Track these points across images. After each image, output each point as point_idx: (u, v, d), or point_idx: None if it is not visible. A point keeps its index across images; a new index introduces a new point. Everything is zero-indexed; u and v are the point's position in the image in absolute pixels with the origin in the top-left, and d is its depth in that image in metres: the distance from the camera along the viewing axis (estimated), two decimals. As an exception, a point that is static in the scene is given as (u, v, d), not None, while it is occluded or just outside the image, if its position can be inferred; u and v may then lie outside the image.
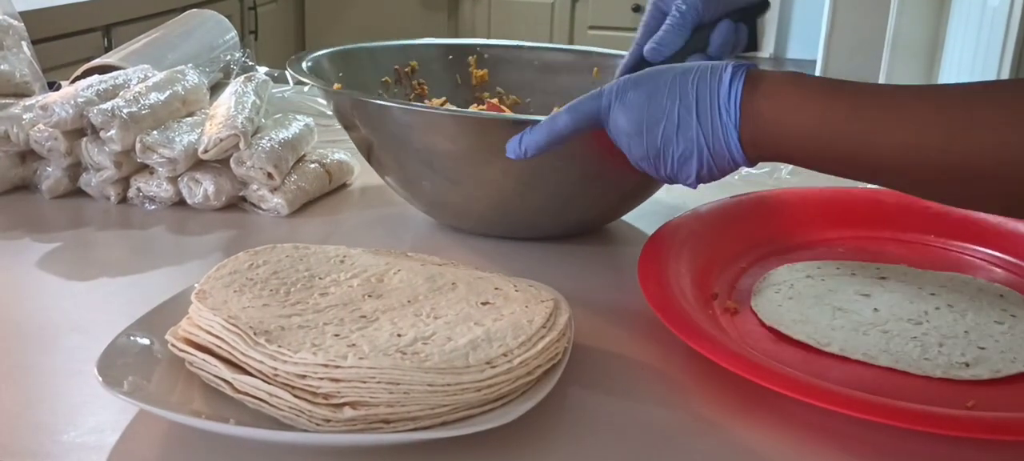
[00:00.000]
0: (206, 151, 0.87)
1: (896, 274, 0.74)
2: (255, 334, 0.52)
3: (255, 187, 0.88)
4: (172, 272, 0.76)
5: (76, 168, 0.91)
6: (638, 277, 0.68)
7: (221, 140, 0.86)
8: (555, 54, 1.01)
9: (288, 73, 0.91)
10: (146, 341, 0.57)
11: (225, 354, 0.52)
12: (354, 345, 0.51)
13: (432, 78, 0.98)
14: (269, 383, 0.50)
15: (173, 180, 0.88)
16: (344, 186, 0.97)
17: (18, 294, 0.72)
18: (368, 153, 0.82)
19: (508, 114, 0.90)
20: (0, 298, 0.71)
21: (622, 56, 0.97)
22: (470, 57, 0.99)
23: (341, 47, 0.92)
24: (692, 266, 0.72)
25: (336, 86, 0.81)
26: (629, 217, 0.85)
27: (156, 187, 0.89)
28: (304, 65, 0.84)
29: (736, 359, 0.58)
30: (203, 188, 0.88)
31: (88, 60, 1.14)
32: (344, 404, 0.49)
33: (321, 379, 0.49)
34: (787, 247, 0.80)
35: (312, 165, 0.93)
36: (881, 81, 4.20)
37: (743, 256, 0.78)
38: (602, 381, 0.60)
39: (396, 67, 0.96)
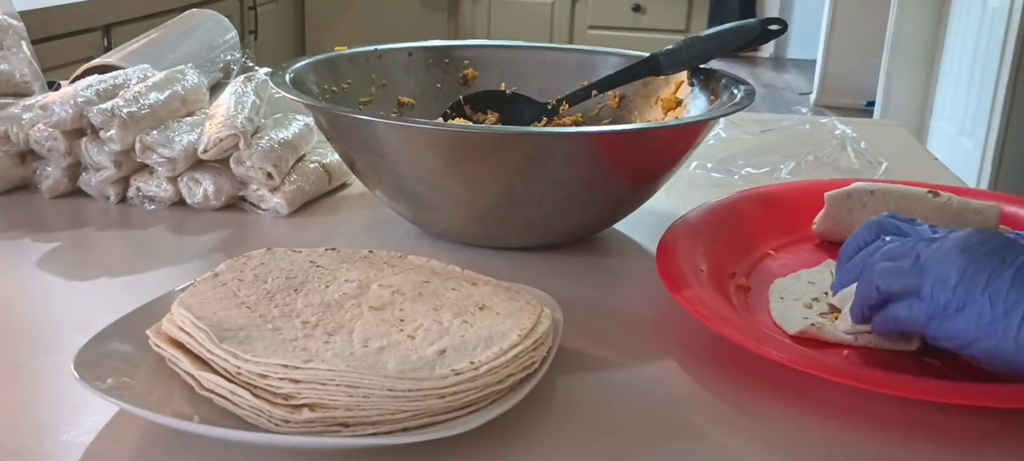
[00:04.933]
0: (206, 151, 0.87)
1: None
2: (223, 330, 0.52)
3: (255, 187, 0.88)
4: (172, 272, 0.76)
5: (76, 168, 0.91)
6: (657, 250, 0.70)
7: (221, 140, 0.86)
8: (548, 53, 1.01)
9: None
10: (129, 340, 0.57)
11: (195, 351, 0.53)
12: (319, 349, 0.51)
13: (416, 83, 0.96)
14: (232, 382, 0.50)
15: (173, 180, 0.88)
16: (344, 186, 0.97)
17: (18, 294, 0.72)
18: (351, 167, 0.82)
19: (487, 126, 0.89)
20: (0, 298, 0.71)
21: (612, 53, 0.97)
22: (445, 59, 0.98)
23: (323, 55, 0.90)
24: (712, 245, 0.74)
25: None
26: (621, 226, 0.85)
27: (156, 187, 0.89)
28: (286, 77, 0.81)
29: (727, 325, 0.60)
30: (203, 188, 0.88)
31: (88, 60, 1.14)
32: (303, 406, 0.49)
33: (281, 379, 0.49)
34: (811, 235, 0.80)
35: (312, 165, 0.93)
36: (881, 81, 4.20)
37: (769, 241, 0.79)
38: (588, 388, 0.59)
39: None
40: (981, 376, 0.59)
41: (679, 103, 0.91)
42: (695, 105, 0.89)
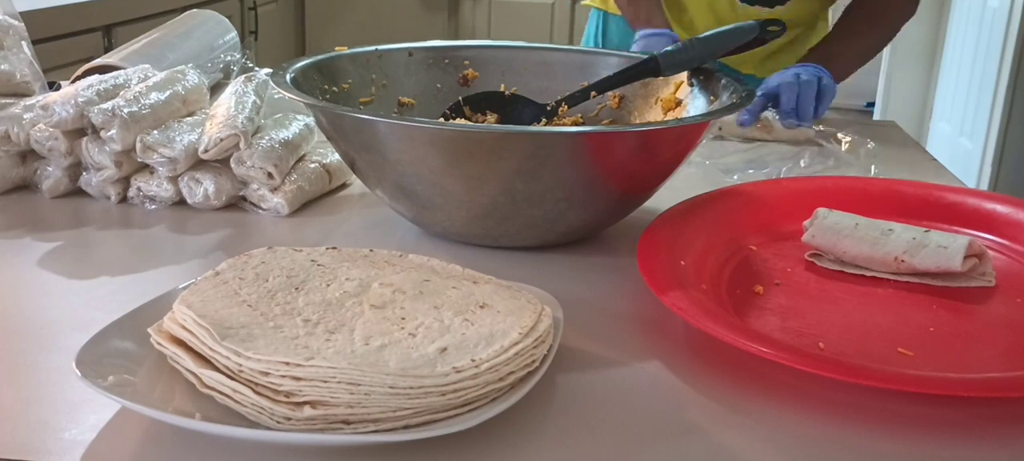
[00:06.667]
0: (206, 151, 0.87)
1: None
2: (224, 328, 0.52)
3: (255, 187, 0.88)
4: (172, 271, 0.76)
5: (76, 168, 0.91)
6: (638, 249, 0.71)
7: (221, 140, 0.86)
8: (548, 54, 1.01)
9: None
10: (130, 338, 0.57)
11: (196, 349, 0.53)
12: (320, 347, 0.51)
13: (416, 83, 0.97)
14: (233, 379, 0.51)
15: (173, 180, 0.89)
16: (344, 186, 0.97)
17: (19, 293, 0.72)
18: (352, 166, 0.82)
19: (487, 125, 0.89)
20: (1, 298, 0.71)
21: (611, 54, 0.98)
22: (445, 59, 0.98)
23: (324, 55, 0.91)
24: (696, 240, 0.76)
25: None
26: (621, 225, 0.85)
27: (156, 187, 0.89)
28: (287, 77, 0.82)
29: (715, 323, 0.61)
30: (203, 188, 0.88)
31: (88, 60, 1.14)
32: (304, 403, 0.49)
33: (282, 377, 0.49)
34: (797, 231, 0.81)
35: (312, 165, 0.93)
36: (881, 82, 4.21)
37: (751, 237, 0.80)
38: (588, 386, 0.60)
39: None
40: (949, 369, 0.62)
41: (679, 103, 0.91)
42: (694, 105, 0.89)
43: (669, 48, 0.90)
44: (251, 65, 1.18)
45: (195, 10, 1.41)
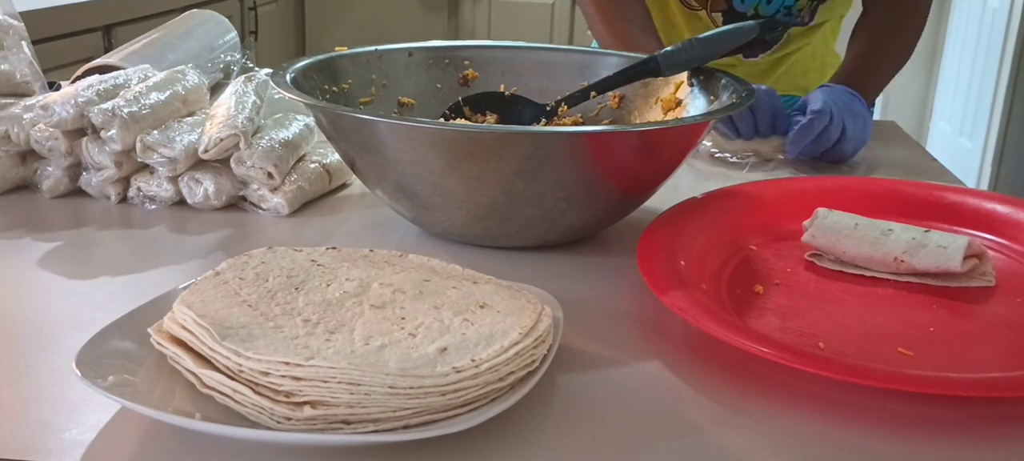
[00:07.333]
0: (206, 151, 0.87)
1: None
2: (224, 328, 0.52)
3: (255, 187, 0.88)
4: (172, 271, 0.76)
5: (76, 168, 0.91)
6: (638, 249, 0.71)
7: (221, 140, 0.86)
8: (548, 54, 1.01)
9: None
10: (130, 338, 0.57)
11: (196, 349, 0.53)
12: (320, 347, 0.51)
13: (416, 83, 0.97)
14: (234, 379, 0.51)
15: (173, 180, 0.89)
16: (344, 186, 0.97)
17: (18, 294, 0.72)
18: (352, 166, 0.82)
19: (487, 125, 0.89)
20: (0, 298, 0.71)
21: (611, 54, 0.98)
22: (445, 60, 0.98)
23: (324, 55, 0.91)
24: (696, 240, 0.76)
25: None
26: (621, 225, 0.85)
27: (156, 187, 0.89)
28: (287, 77, 0.82)
29: (711, 321, 0.61)
30: (203, 188, 0.88)
31: (88, 60, 1.14)
32: (304, 403, 0.49)
33: (282, 377, 0.49)
34: (797, 231, 0.80)
35: (312, 165, 0.93)
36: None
37: (751, 237, 0.80)
38: (588, 386, 0.60)
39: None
40: (949, 369, 0.62)
41: (679, 103, 0.91)
42: (695, 105, 0.89)
43: (669, 48, 0.90)
44: (251, 65, 1.17)
45: (195, 10, 1.41)
